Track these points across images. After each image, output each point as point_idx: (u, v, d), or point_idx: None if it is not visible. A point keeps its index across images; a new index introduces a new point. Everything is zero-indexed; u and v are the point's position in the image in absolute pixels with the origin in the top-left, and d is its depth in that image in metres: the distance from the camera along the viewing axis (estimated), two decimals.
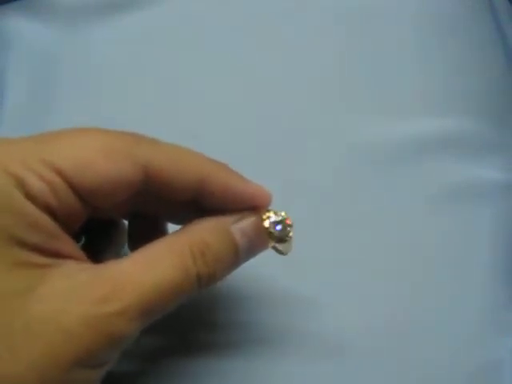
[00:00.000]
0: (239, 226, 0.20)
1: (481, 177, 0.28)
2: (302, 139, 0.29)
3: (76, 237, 0.20)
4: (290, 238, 0.21)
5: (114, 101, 0.30)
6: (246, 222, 0.21)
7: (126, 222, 0.24)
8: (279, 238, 0.21)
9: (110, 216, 0.21)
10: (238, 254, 0.20)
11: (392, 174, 0.28)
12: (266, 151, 0.28)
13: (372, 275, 0.26)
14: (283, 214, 0.21)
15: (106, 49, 0.31)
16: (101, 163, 0.18)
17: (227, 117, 0.29)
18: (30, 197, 0.18)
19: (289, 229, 0.21)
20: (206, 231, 0.20)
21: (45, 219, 0.18)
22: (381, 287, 0.26)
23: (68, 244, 0.19)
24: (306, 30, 0.31)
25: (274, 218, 0.21)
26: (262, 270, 0.26)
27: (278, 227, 0.21)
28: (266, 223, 0.21)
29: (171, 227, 0.23)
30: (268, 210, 0.21)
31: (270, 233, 0.21)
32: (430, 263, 0.27)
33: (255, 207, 0.21)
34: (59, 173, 0.18)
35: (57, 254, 0.18)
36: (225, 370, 0.25)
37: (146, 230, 0.23)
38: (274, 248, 0.22)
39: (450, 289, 0.26)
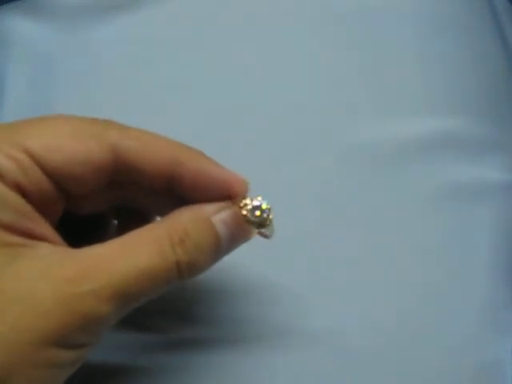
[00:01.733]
0: (220, 217, 0.20)
1: (481, 177, 0.28)
2: (301, 139, 0.29)
3: (64, 236, 0.20)
4: (270, 221, 0.21)
5: (114, 101, 0.30)
6: (226, 213, 0.21)
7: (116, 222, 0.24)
8: (259, 223, 0.21)
9: (91, 208, 0.21)
10: (220, 244, 0.20)
11: (392, 173, 0.28)
12: (266, 151, 0.28)
13: (371, 275, 0.26)
14: (259, 198, 0.21)
15: (105, 49, 0.31)
16: (69, 144, 0.19)
17: (227, 116, 0.29)
18: None
19: (266, 214, 0.21)
20: (185, 219, 0.20)
21: (15, 197, 0.18)
22: (380, 287, 0.26)
23: (42, 226, 0.19)
24: (305, 29, 0.31)
25: (250, 204, 0.21)
26: (260, 268, 0.26)
27: (257, 213, 0.21)
28: (244, 211, 0.21)
29: None
30: (244, 197, 0.21)
31: (249, 220, 0.21)
32: (430, 263, 0.27)
33: (232, 195, 0.21)
34: (28, 153, 0.18)
35: (30, 235, 0.18)
36: (213, 366, 0.25)
37: (134, 228, 0.23)
38: (260, 233, 0.22)
39: (449, 289, 0.26)
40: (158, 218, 0.24)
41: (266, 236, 0.22)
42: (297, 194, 0.27)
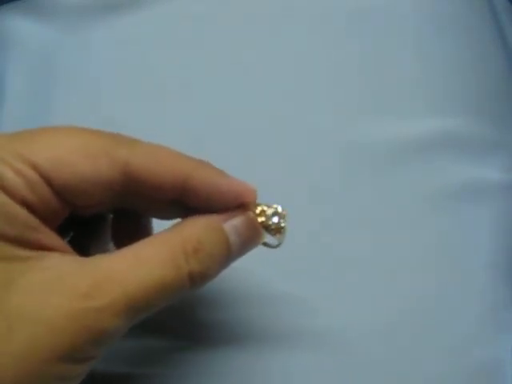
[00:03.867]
0: (232, 224, 0.20)
1: (481, 177, 0.28)
2: (302, 139, 0.29)
3: (62, 232, 0.20)
4: (285, 228, 0.21)
5: (114, 101, 0.30)
6: (238, 220, 0.21)
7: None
8: (275, 229, 0.21)
9: (94, 212, 0.21)
10: (231, 252, 0.20)
11: (392, 173, 0.28)
12: (266, 151, 0.28)
13: (371, 275, 0.26)
14: (275, 205, 0.21)
15: (105, 49, 0.31)
16: (79, 163, 0.19)
17: (226, 117, 0.29)
18: (6, 190, 0.18)
19: (283, 219, 0.21)
20: (199, 229, 0.20)
21: (22, 212, 0.18)
22: (380, 287, 0.26)
23: (50, 237, 0.19)
24: (305, 29, 0.31)
25: (268, 210, 0.21)
26: (261, 270, 0.26)
27: (275, 219, 0.21)
28: (262, 217, 0.21)
29: (155, 222, 0.23)
30: (259, 204, 0.21)
31: (268, 225, 0.21)
32: (430, 263, 0.27)
33: (242, 203, 0.21)
34: (36, 169, 0.18)
35: (38, 247, 0.18)
36: (219, 370, 0.24)
37: (129, 226, 0.23)
38: (265, 244, 0.22)
39: (450, 289, 0.26)
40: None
41: (272, 246, 0.22)
42: (296, 193, 0.27)
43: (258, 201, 0.21)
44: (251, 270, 0.26)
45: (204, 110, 0.29)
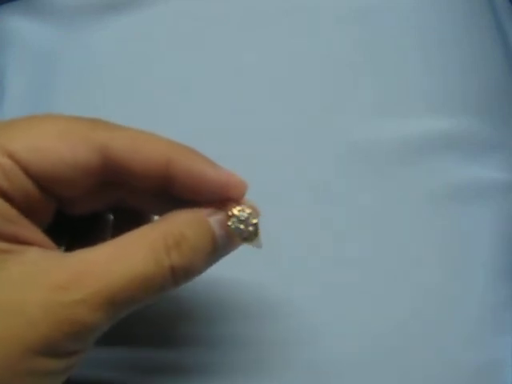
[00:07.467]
0: (217, 217, 0.20)
1: (482, 177, 0.28)
2: (302, 138, 0.29)
3: (60, 235, 0.20)
4: (256, 236, 0.20)
5: (114, 100, 0.30)
6: (224, 214, 0.20)
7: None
8: (242, 237, 0.20)
9: (86, 210, 0.21)
10: (217, 246, 0.20)
11: (392, 173, 0.28)
12: (266, 150, 0.28)
13: (372, 275, 0.26)
14: (248, 211, 0.20)
15: (105, 48, 0.31)
16: (55, 147, 0.18)
17: (227, 116, 0.29)
18: None
19: (251, 228, 0.20)
20: (182, 222, 0.19)
21: None
22: (380, 287, 0.26)
23: (31, 231, 0.18)
24: (306, 29, 0.31)
25: (236, 216, 0.20)
26: (258, 269, 0.26)
27: (241, 226, 0.20)
28: (229, 222, 0.20)
29: None
30: (235, 206, 0.20)
31: (233, 232, 0.20)
32: (430, 263, 0.26)
33: (230, 197, 0.20)
34: (12, 157, 0.18)
35: (17, 240, 0.18)
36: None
37: (130, 225, 0.22)
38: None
39: (450, 288, 0.26)
40: (156, 218, 0.23)
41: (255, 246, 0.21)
42: (297, 193, 0.27)
43: (251, 195, 0.20)
44: (247, 269, 0.26)
45: (204, 110, 0.29)
